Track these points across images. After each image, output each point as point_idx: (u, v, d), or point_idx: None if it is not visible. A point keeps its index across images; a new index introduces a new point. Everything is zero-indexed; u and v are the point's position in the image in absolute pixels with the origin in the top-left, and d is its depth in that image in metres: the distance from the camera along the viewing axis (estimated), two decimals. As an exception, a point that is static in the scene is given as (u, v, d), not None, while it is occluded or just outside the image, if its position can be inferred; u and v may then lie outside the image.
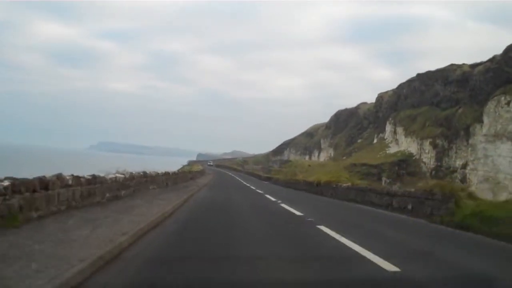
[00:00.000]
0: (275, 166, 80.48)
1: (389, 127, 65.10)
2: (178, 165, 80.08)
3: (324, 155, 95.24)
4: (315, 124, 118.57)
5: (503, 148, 42.58)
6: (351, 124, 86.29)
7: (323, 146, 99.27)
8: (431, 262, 7.13)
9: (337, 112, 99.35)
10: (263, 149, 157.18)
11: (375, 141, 69.81)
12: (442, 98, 55.06)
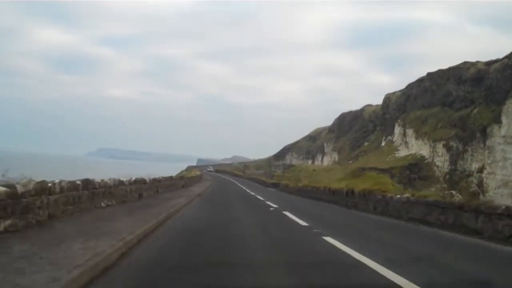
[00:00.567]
0: (278, 171, 77.54)
1: (398, 129, 62.08)
2: (177, 170, 77.11)
3: (328, 159, 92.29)
4: (317, 127, 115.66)
5: (525, 150, 39.77)
6: (356, 127, 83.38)
7: (326, 150, 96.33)
8: None
9: (341, 115, 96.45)
10: (263, 154, 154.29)
11: (383, 144, 66.77)
12: (455, 98, 52.13)
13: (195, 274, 5.66)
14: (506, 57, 46.85)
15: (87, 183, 10.90)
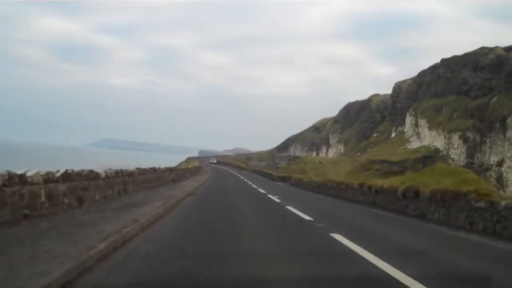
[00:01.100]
0: (282, 163, 74.51)
1: (409, 119, 58.88)
2: (177, 161, 74.34)
3: (333, 151, 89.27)
4: (322, 118, 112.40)
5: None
6: (363, 118, 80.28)
7: (331, 141, 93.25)
8: None
9: (347, 105, 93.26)
10: (266, 146, 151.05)
11: (393, 135, 63.62)
12: (472, 86, 48.94)
13: None
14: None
15: None
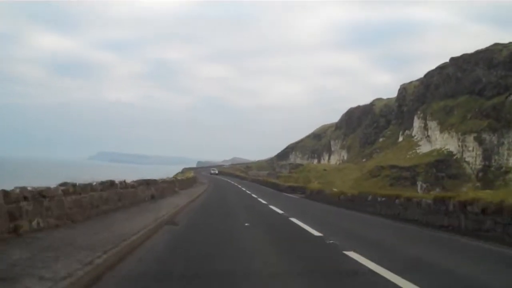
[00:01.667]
0: (283, 171, 71.24)
1: (417, 122, 55.72)
2: (174, 173, 71.25)
3: (336, 158, 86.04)
4: (323, 125, 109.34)
5: None
6: (366, 123, 77.21)
7: (333, 148, 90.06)
8: None
9: (349, 110, 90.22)
10: (264, 155, 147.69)
11: (401, 139, 60.40)
12: (486, 85, 45.89)
13: None
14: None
15: None
